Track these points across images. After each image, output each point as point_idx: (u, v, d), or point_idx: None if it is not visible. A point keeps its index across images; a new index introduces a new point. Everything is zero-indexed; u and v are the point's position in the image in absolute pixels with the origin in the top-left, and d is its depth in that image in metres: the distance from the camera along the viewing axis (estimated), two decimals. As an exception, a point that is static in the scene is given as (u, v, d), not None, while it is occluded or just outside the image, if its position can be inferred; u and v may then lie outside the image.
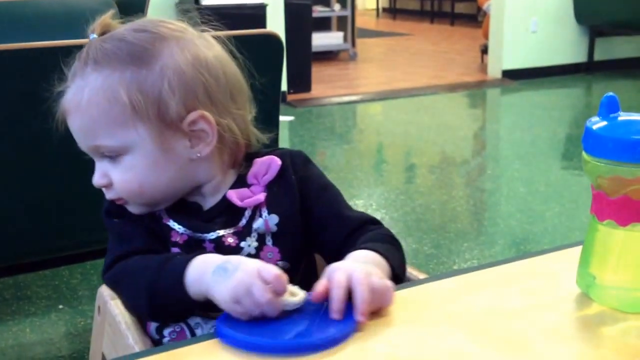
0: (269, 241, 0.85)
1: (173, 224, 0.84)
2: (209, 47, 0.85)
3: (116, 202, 0.84)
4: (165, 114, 0.79)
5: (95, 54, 0.79)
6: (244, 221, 0.85)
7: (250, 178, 0.87)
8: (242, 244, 0.84)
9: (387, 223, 2.83)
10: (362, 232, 0.86)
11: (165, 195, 0.84)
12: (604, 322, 0.66)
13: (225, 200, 0.85)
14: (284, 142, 3.99)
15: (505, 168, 3.65)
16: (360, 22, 8.03)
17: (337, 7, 7.08)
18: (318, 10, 6.69)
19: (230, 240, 0.83)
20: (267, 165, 0.87)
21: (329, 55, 7.06)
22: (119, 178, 0.81)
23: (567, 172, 3.59)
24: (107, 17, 0.83)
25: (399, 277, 0.78)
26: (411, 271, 1.00)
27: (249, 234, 0.84)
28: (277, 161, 0.87)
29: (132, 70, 0.78)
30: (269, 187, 0.86)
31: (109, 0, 2.50)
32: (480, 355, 0.60)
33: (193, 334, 0.82)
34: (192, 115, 0.80)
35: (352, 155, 4.00)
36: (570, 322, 0.66)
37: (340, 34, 7.04)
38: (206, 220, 0.85)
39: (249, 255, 0.83)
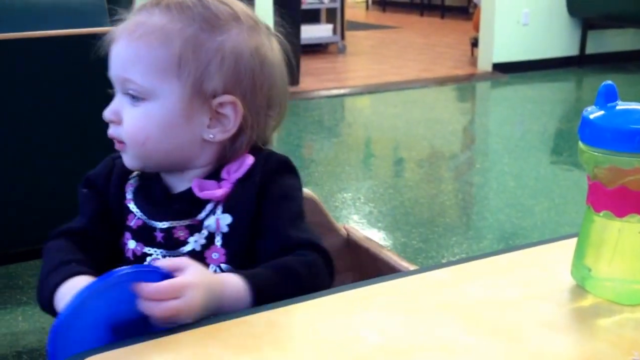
0: (218, 241, 0.82)
1: (133, 207, 0.84)
2: (271, 48, 0.86)
3: (115, 144, 0.82)
4: (203, 84, 0.79)
5: (175, 2, 0.80)
6: (202, 214, 0.82)
7: (223, 172, 0.84)
8: (190, 239, 0.81)
9: (375, 217, 2.84)
10: (290, 253, 0.80)
11: (161, 160, 0.82)
12: (599, 314, 0.65)
13: (188, 191, 0.83)
14: (273, 135, 3.97)
15: (494, 162, 3.66)
16: (349, 14, 8.01)
17: (326, -1, 7.05)
18: (307, 2, 6.65)
19: (181, 233, 0.82)
20: (240, 163, 0.84)
21: (317, 48, 7.04)
22: (131, 121, 0.80)
23: (556, 166, 3.61)
24: None
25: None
26: (402, 263, 1.01)
27: (199, 230, 0.82)
28: (249, 160, 0.84)
29: (196, 30, 0.79)
30: (236, 186, 0.83)
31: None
32: (473, 345, 0.59)
33: None
34: (225, 98, 0.81)
35: (341, 148, 4.00)
36: (565, 314, 0.66)
37: (330, 27, 7.01)
38: (167, 205, 0.83)
39: (193, 251, 0.81)
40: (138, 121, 0.79)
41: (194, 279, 0.67)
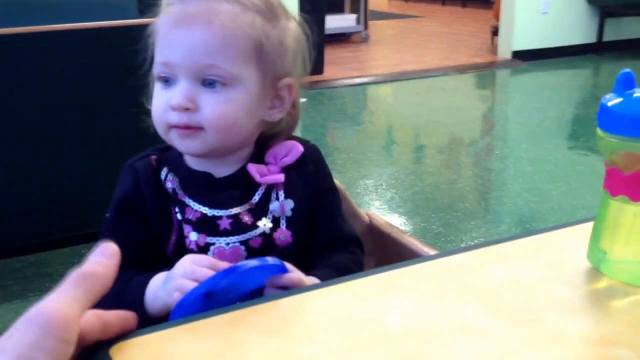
0: (282, 224, 0.86)
1: (189, 201, 0.83)
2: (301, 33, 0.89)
3: (183, 131, 0.80)
4: (275, 68, 0.83)
5: None
6: (256, 198, 0.85)
7: (268, 156, 0.87)
8: (258, 222, 0.84)
9: (396, 203, 2.88)
10: (338, 248, 0.89)
11: (234, 143, 0.83)
12: (614, 296, 0.66)
13: (242, 172, 0.85)
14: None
15: (513, 148, 3.69)
16: (372, 4, 8.01)
17: (350, -11, 7.09)
18: (331, -8, 6.69)
19: (246, 218, 0.84)
20: (288, 149, 0.88)
21: (341, 37, 7.06)
22: (215, 106, 0.79)
23: (574, 151, 3.62)
24: None
25: None
26: (423, 248, 1.03)
27: (264, 214, 0.85)
28: (300, 147, 0.88)
29: (262, 19, 0.82)
30: (286, 171, 0.87)
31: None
32: (492, 326, 0.60)
33: None
34: (287, 80, 0.85)
35: (363, 136, 4.03)
36: (581, 296, 0.66)
37: (353, 16, 7.05)
38: (219, 192, 0.84)
39: (264, 234, 0.84)
40: (225, 106, 0.79)
41: (305, 277, 0.76)
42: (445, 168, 3.41)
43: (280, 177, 0.85)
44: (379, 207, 2.82)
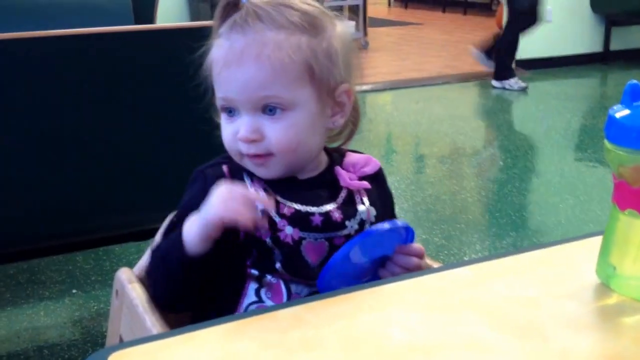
0: (367, 228, 0.90)
1: (281, 199, 0.87)
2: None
3: (253, 159, 0.86)
4: (329, 80, 0.86)
5: (267, 14, 0.84)
6: (340, 200, 0.89)
7: (347, 165, 0.92)
8: (347, 222, 0.88)
9: (397, 213, 2.81)
10: None
11: (305, 159, 0.88)
12: (624, 313, 0.65)
13: (326, 174, 0.90)
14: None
15: (517, 159, 3.63)
16: (371, 11, 7.99)
17: (349, -5, 7.04)
18: (330, -1, 6.66)
19: (337, 215, 0.87)
20: (366, 160, 0.94)
21: (340, 44, 7.04)
22: (279, 133, 0.84)
23: (581, 163, 3.57)
24: None
25: None
26: (426, 260, 1.00)
27: (353, 215, 0.89)
28: (376, 161, 0.95)
29: (307, 36, 0.85)
30: (369, 181, 0.92)
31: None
32: (498, 343, 0.59)
33: (289, 293, 0.85)
34: (343, 87, 0.88)
35: (362, 144, 3.98)
36: (589, 312, 0.66)
37: (352, 23, 7.00)
38: (307, 190, 0.89)
39: (348, 235, 0.88)
40: (287, 131, 0.84)
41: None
42: (447, 178, 3.35)
43: (366, 184, 0.90)
44: (378, 218, 2.73)
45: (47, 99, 1.52)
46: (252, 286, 0.86)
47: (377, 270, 0.88)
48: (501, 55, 5.09)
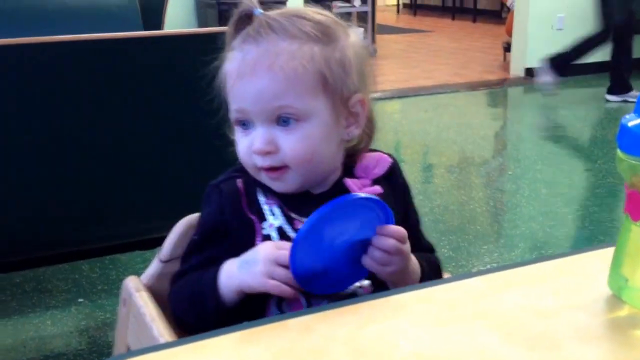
0: None
1: (295, 216, 0.87)
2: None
3: (269, 173, 0.85)
4: (343, 90, 0.85)
5: (279, 25, 0.84)
6: None
7: (358, 171, 0.91)
8: None
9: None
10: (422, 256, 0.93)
11: (321, 171, 0.87)
12: (636, 325, 0.65)
13: (337, 187, 0.88)
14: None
15: (526, 169, 3.60)
16: (380, 18, 8.00)
17: (357, 3, 7.04)
18: (338, 6, 6.67)
19: None
20: (376, 161, 0.92)
21: (348, 52, 7.03)
22: (293, 145, 0.83)
23: (591, 173, 3.54)
24: None
25: None
26: None
27: None
28: (387, 158, 0.93)
29: (320, 46, 0.84)
30: (377, 183, 0.90)
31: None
32: (509, 354, 0.59)
33: (309, 306, 0.85)
34: (357, 97, 0.87)
35: (371, 153, 3.97)
36: (601, 324, 0.65)
37: (361, 30, 7.00)
38: (321, 204, 0.88)
39: None
40: (301, 142, 0.84)
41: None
42: (456, 188, 3.33)
43: (377, 189, 0.88)
44: (386, 228, 2.71)
45: (56, 106, 1.52)
46: (274, 300, 0.86)
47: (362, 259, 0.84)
48: (620, 72, 5.06)
